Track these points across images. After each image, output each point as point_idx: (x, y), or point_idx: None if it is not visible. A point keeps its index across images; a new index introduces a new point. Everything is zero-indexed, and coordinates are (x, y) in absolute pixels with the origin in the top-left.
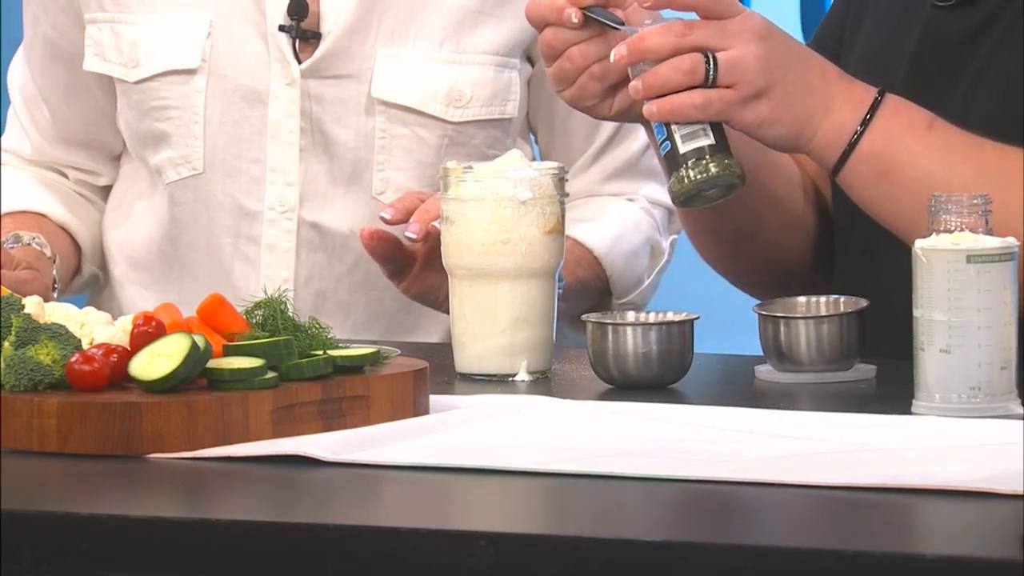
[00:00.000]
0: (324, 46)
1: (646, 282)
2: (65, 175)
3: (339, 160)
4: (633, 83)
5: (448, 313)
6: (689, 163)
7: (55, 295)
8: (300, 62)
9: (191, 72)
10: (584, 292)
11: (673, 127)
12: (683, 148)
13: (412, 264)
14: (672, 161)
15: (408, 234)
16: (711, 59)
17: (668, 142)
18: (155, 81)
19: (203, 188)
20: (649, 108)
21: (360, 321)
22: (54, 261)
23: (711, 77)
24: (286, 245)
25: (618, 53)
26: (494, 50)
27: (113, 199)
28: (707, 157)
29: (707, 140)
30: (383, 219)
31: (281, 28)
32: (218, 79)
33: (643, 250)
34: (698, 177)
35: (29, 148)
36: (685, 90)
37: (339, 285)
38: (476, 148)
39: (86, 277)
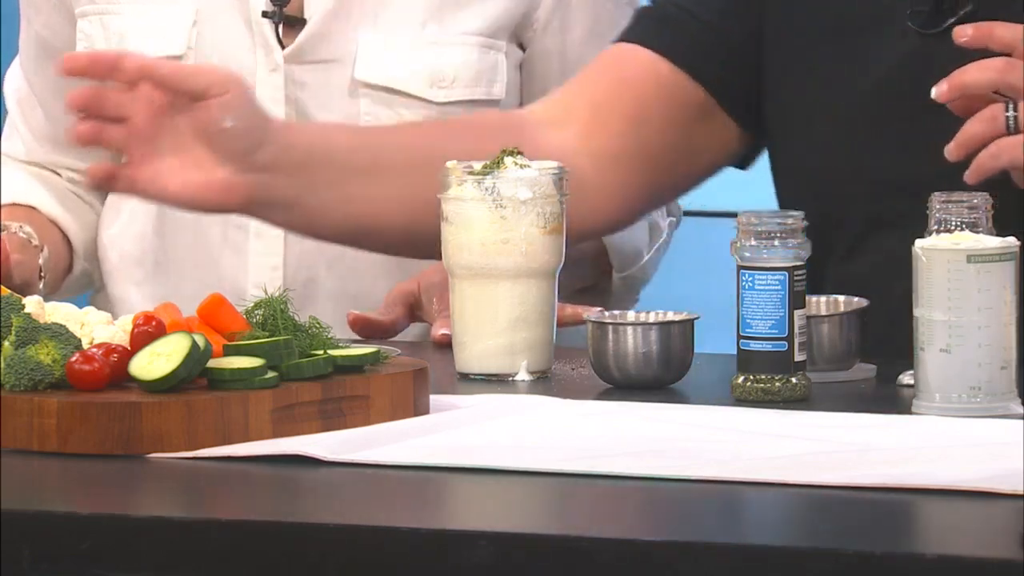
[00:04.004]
0: (307, 31)
1: (646, 257)
2: (59, 174)
3: None
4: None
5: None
6: (801, 373)
7: (41, 284)
8: (284, 48)
9: (177, 59)
10: (582, 262)
11: (797, 327)
12: (798, 356)
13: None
14: (774, 362)
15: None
16: (1012, 107)
17: (784, 343)
18: None
19: None
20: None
21: (353, 308)
22: (41, 250)
23: (1011, 128)
24: (274, 231)
25: (939, 90)
26: (478, 31)
27: (109, 200)
28: (805, 371)
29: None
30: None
31: (264, 14)
32: None
33: (640, 224)
34: (797, 393)
35: (23, 149)
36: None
37: (329, 272)
38: None
39: (77, 274)
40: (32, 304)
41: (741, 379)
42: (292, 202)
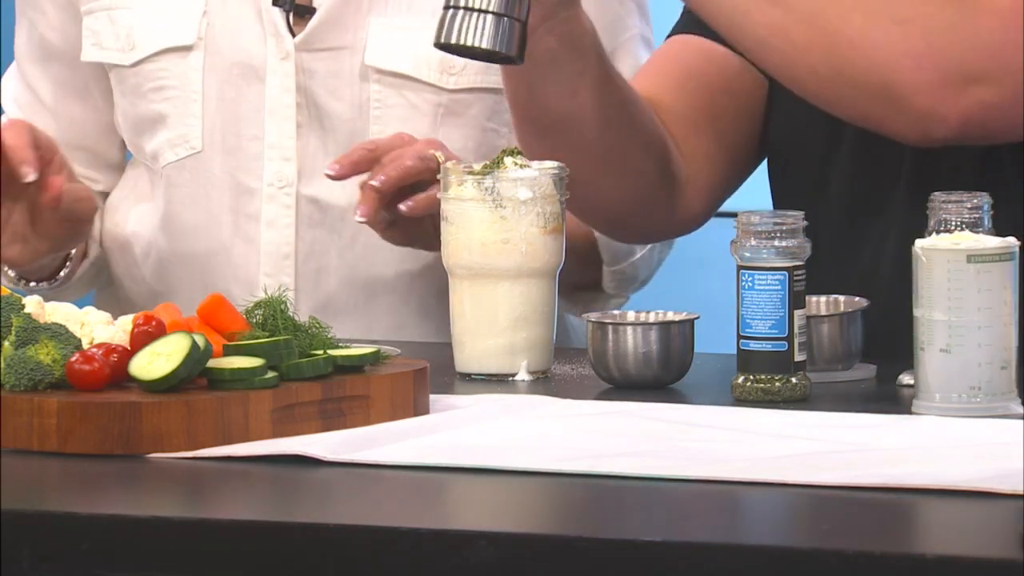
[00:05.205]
0: (317, 18)
1: (639, 254)
2: None
3: (335, 133)
4: None
5: (433, 251)
6: (801, 373)
7: (64, 272)
8: (294, 36)
9: (187, 49)
10: (573, 255)
11: (797, 327)
12: (798, 356)
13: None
14: (774, 362)
15: (372, 183)
16: None
17: (784, 343)
18: (152, 62)
19: (202, 167)
20: None
21: (361, 300)
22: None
23: None
24: (285, 221)
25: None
26: None
27: (111, 204)
28: (805, 371)
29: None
30: (327, 175)
31: (275, 3)
32: (215, 56)
33: None
34: (797, 393)
35: None
36: None
37: (340, 260)
38: (474, 119)
39: (93, 259)
40: (32, 304)
41: (741, 379)
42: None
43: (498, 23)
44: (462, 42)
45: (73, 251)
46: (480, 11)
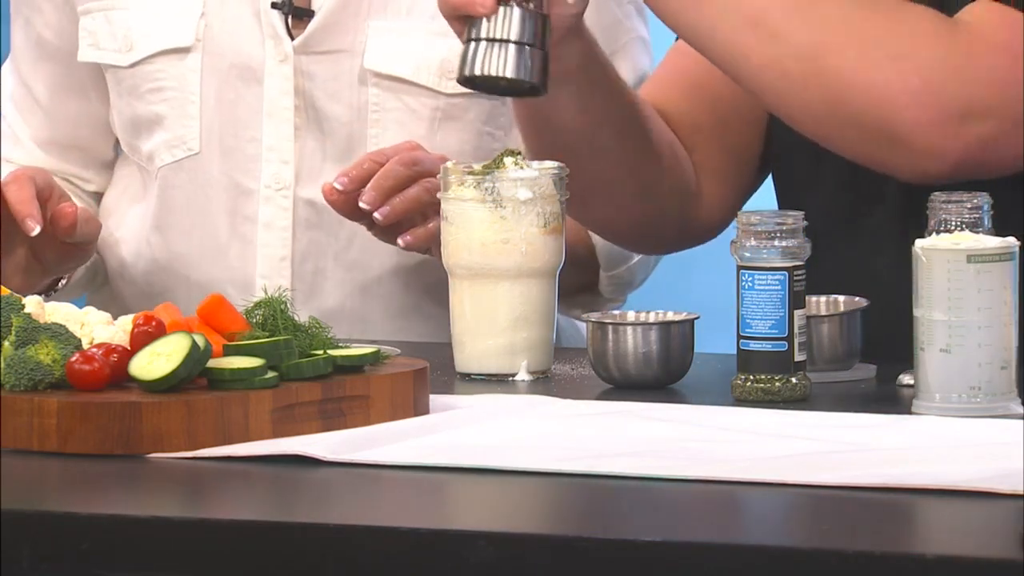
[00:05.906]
0: (316, 21)
1: (635, 259)
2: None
3: (333, 136)
4: None
5: (435, 257)
6: (801, 373)
7: (66, 280)
8: (293, 39)
9: (185, 51)
10: (570, 257)
11: (797, 327)
12: (798, 356)
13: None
14: (774, 362)
15: (375, 216)
16: None
17: (784, 343)
18: (150, 63)
19: (199, 169)
20: None
21: (358, 302)
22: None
23: None
24: (282, 223)
25: None
26: None
27: (105, 205)
28: (805, 371)
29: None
30: (336, 189)
31: (274, 5)
32: (213, 57)
33: None
34: (797, 393)
35: (21, 154)
36: None
37: (336, 262)
38: (471, 123)
39: (88, 263)
40: (32, 304)
41: (741, 379)
42: None
43: (520, 52)
44: (485, 72)
45: None
46: (502, 41)
